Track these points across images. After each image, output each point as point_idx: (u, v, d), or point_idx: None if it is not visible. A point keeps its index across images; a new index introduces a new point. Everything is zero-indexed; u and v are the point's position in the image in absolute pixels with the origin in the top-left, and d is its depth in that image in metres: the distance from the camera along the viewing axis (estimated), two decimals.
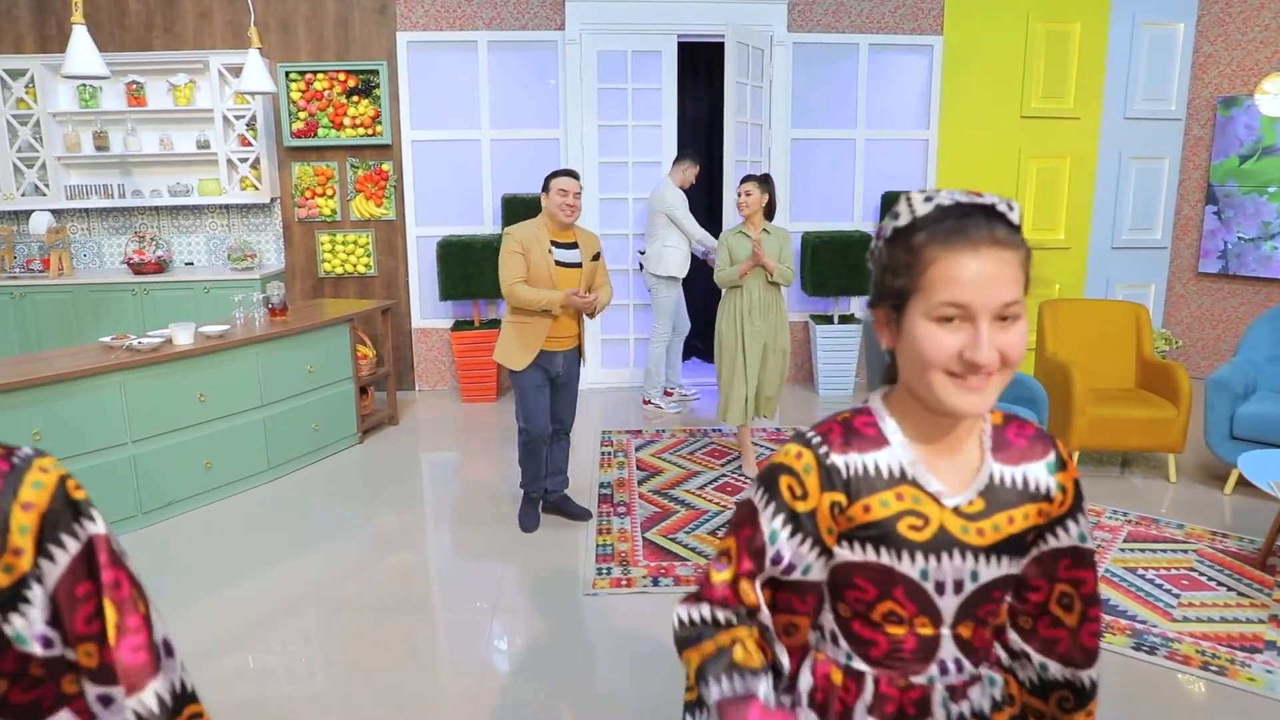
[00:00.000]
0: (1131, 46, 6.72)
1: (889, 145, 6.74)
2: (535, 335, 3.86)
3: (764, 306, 4.62)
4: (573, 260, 3.91)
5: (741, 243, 4.59)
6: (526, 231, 3.86)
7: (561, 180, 3.86)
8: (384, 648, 3.23)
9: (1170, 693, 2.93)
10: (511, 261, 3.82)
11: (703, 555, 3.90)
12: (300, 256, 6.53)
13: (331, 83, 6.24)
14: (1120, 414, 4.73)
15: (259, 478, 4.77)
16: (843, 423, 1.21)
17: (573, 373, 4.09)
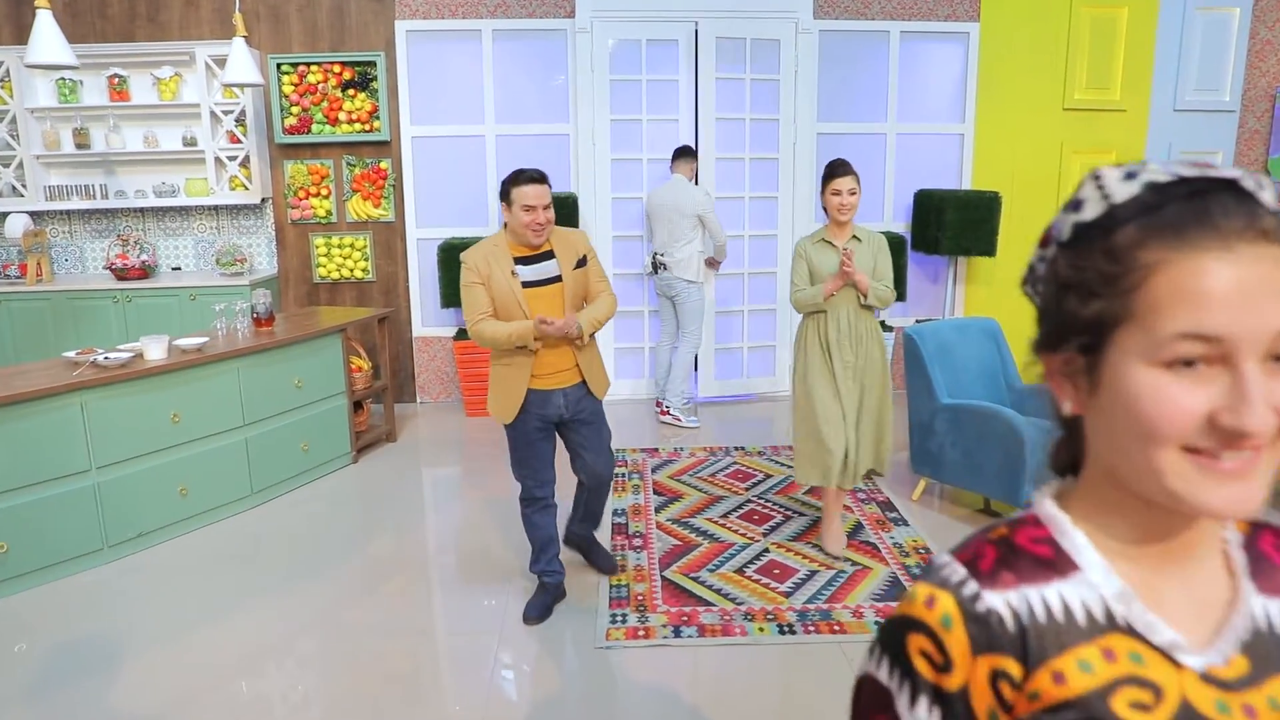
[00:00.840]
0: (1183, 33, 6.25)
1: (922, 140, 6.30)
2: (517, 378, 3.11)
3: (855, 335, 3.62)
4: (545, 276, 3.12)
5: (824, 254, 3.62)
6: (482, 254, 3.06)
7: (525, 190, 3.00)
8: (379, 690, 2.81)
9: None
10: (470, 295, 3.08)
11: (728, 598, 3.47)
12: (294, 261, 6.14)
13: (326, 75, 5.85)
14: None
15: (241, 504, 4.37)
16: (997, 541, 0.77)
17: (586, 408, 3.27)
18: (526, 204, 3.00)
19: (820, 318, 3.66)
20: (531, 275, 3.10)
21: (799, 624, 3.27)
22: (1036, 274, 0.77)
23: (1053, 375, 0.76)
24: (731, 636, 3.20)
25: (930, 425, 4.28)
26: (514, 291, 3.05)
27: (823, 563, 3.77)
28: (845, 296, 3.59)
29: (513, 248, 3.10)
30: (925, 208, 6.09)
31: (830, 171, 3.57)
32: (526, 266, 3.09)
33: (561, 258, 3.15)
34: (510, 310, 3.06)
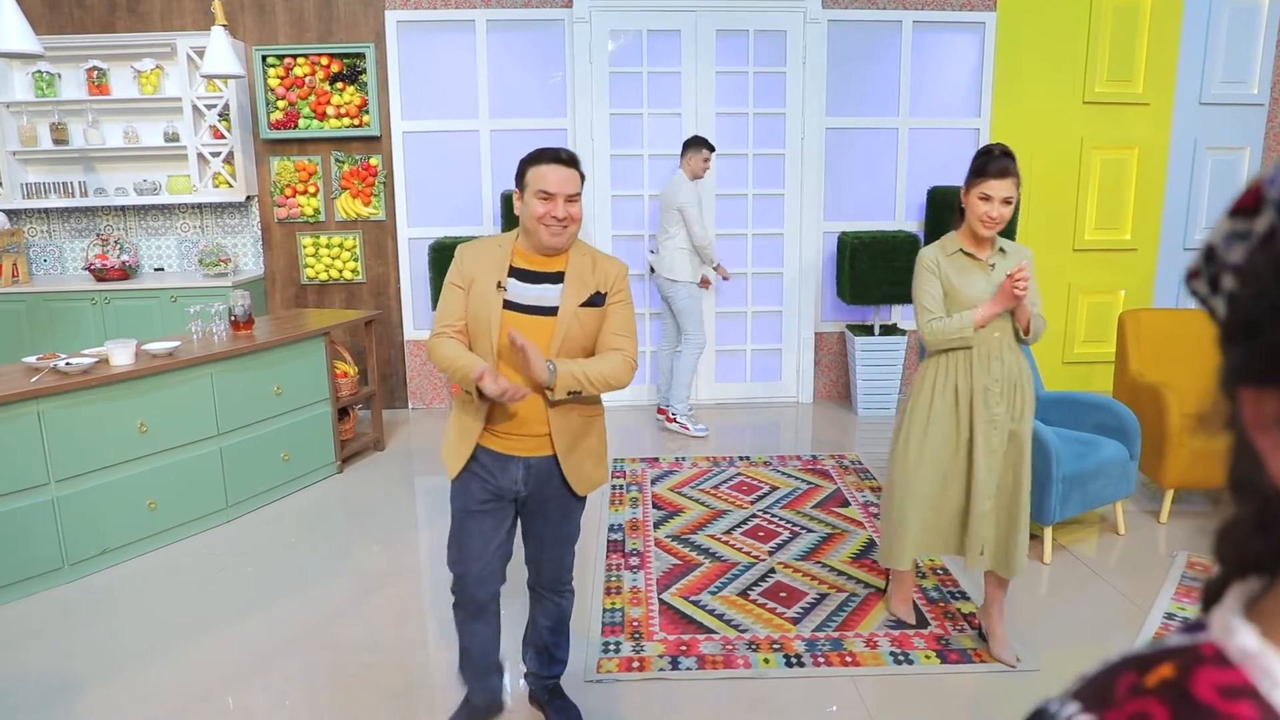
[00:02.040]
0: (1209, 23, 5.96)
1: (935, 135, 6.02)
2: (470, 424, 2.30)
3: (1010, 380, 2.73)
4: (539, 302, 2.26)
5: (966, 270, 2.71)
6: (476, 252, 2.32)
7: (545, 171, 2.22)
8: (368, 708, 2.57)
9: None
10: (444, 298, 2.33)
11: (731, 624, 3.20)
12: (280, 261, 5.89)
13: (313, 68, 5.61)
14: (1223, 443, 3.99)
15: (215, 517, 4.12)
16: (1163, 691, 0.45)
17: (551, 495, 2.37)
18: (543, 189, 2.19)
19: (958, 357, 2.74)
20: (522, 295, 2.26)
21: (807, 655, 3.01)
22: (1225, 263, 0.49)
23: (1259, 424, 0.47)
24: (734, 669, 2.93)
25: None
26: (490, 309, 2.23)
27: (833, 585, 3.51)
28: (1001, 328, 2.70)
29: (519, 254, 2.30)
30: (940, 206, 5.81)
31: (980, 167, 2.63)
32: (523, 283, 2.27)
33: (571, 285, 2.28)
34: (478, 332, 2.26)
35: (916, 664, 2.96)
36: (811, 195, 5.98)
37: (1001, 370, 2.72)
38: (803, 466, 4.87)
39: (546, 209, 2.20)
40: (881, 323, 6.02)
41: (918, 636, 3.11)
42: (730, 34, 5.76)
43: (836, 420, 5.85)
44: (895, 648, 3.04)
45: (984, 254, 2.73)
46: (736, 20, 5.72)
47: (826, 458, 5.01)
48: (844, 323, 6.19)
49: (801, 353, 6.17)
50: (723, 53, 5.78)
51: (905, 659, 2.98)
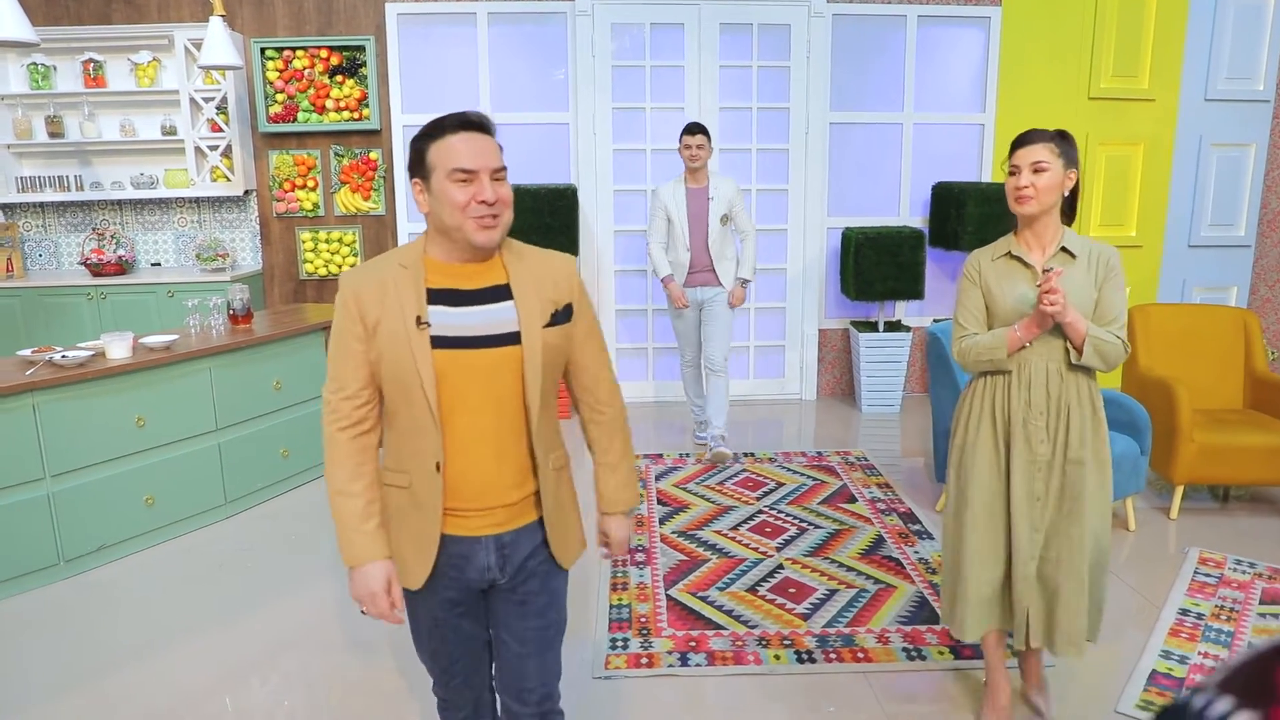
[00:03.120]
0: (1215, 18, 5.93)
1: (940, 130, 5.98)
2: (424, 514, 1.66)
3: (1058, 410, 2.27)
4: (486, 330, 1.63)
5: (1010, 277, 2.29)
6: (372, 280, 1.63)
7: (454, 144, 1.56)
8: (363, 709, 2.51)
9: None
10: (334, 354, 1.65)
11: (740, 620, 3.15)
12: (279, 256, 5.83)
13: (313, 61, 5.55)
14: (1236, 441, 3.96)
15: (213, 514, 4.06)
16: None
17: (533, 576, 1.76)
18: (459, 168, 1.55)
19: (998, 382, 2.32)
20: (458, 325, 1.61)
21: (819, 651, 2.95)
22: None
23: None
24: (744, 665, 2.88)
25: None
26: (413, 355, 1.57)
27: (843, 580, 3.45)
28: (1047, 347, 2.24)
29: (434, 267, 1.64)
30: (944, 201, 5.77)
31: (1012, 145, 2.29)
32: (452, 309, 1.61)
33: (523, 298, 1.65)
34: (406, 392, 1.60)
35: (929, 659, 2.90)
36: (815, 191, 5.93)
37: (1046, 401, 2.26)
38: (808, 463, 4.82)
39: (470, 193, 1.55)
40: (886, 319, 5.97)
41: (930, 632, 3.06)
42: (734, 28, 5.71)
43: (840, 417, 5.80)
44: (908, 643, 2.99)
45: (1038, 256, 2.27)
46: (740, 14, 5.68)
47: (832, 454, 4.96)
48: (848, 319, 6.15)
49: (805, 349, 6.12)
50: (726, 47, 5.73)
51: (918, 654, 2.93)
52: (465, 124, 1.59)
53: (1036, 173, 2.21)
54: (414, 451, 1.64)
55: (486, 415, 1.64)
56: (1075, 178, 2.25)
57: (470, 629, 1.80)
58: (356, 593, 1.65)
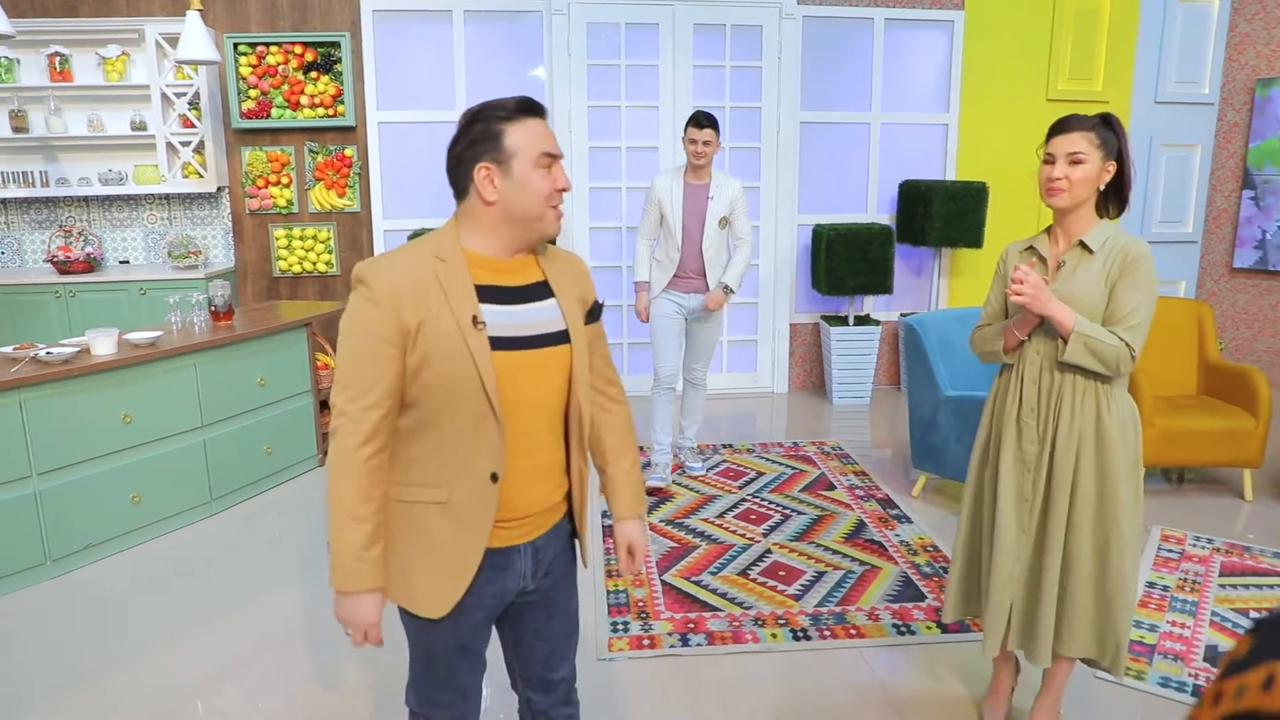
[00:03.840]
0: (1164, 25, 6.21)
1: (906, 130, 6.16)
2: (466, 532, 1.55)
3: (1050, 407, 2.20)
4: (540, 328, 1.57)
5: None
6: (411, 272, 1.49)
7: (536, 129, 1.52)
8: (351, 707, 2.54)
9: None
10: (352, 359, 1.48)
11: (735, 602, 3.24)
12: (252, 253, 5.78)
13: (287, 57, 5.52)
14: (1192, 425, 4.17)
15: (199, 511, 4.03)
16: None
17: (559, 577, 1.74)
18: (549, 151, 1.51)
19: (1008, 376, 2.30)
20: (511, 324, 1.53)
21: (813, 629, 3.06)
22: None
23: None
24: (743, 644, 2.97)
25: (933, 419, 4.11)
26: (473, 360, 1.47)
27: (829, 563, 3.57)
28: (1045, 344, 2.20)
29: (476, 261, 1.53)
30: (912, 199, 5.94)
31: (1050, 130, 2.17)
32: (501, 307, 1.53)
33: (564, 296, 1.62)
34: (457, 400, 1.48)
35: (918, 634, 3.03)
36: (786, 188, 6.06)
37: (1037, 397, 2.21)
38: (785, 453, 4.94)
39: (552, 181, 1.50)
40: (855, 314, 6.13)
41: (917, 609, 3.19)
42: (707, 28, 5.82)
43: (813, 409, 5.94)
44: (897, 620, 3.12)
45: (1055, 249, 2.22)
46: (713, 15, 5.78)
47: (808, 444, 5.09)
48: (818, 313, 6.29)
49: (777, 344, 6.25)
50: (700, 47, 5.84)
51: (907, 630, 3.05)
52: (536, 108, 1.52)
53: (1073, 164, 2.09)
54: (459, 463, 1.51)
55: (538, 419, 1.57)
56: (1114, 169, 2.13)
57: (484, 648, 1.71)
58: (349, 619, 1.52)
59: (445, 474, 1.53)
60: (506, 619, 1.75)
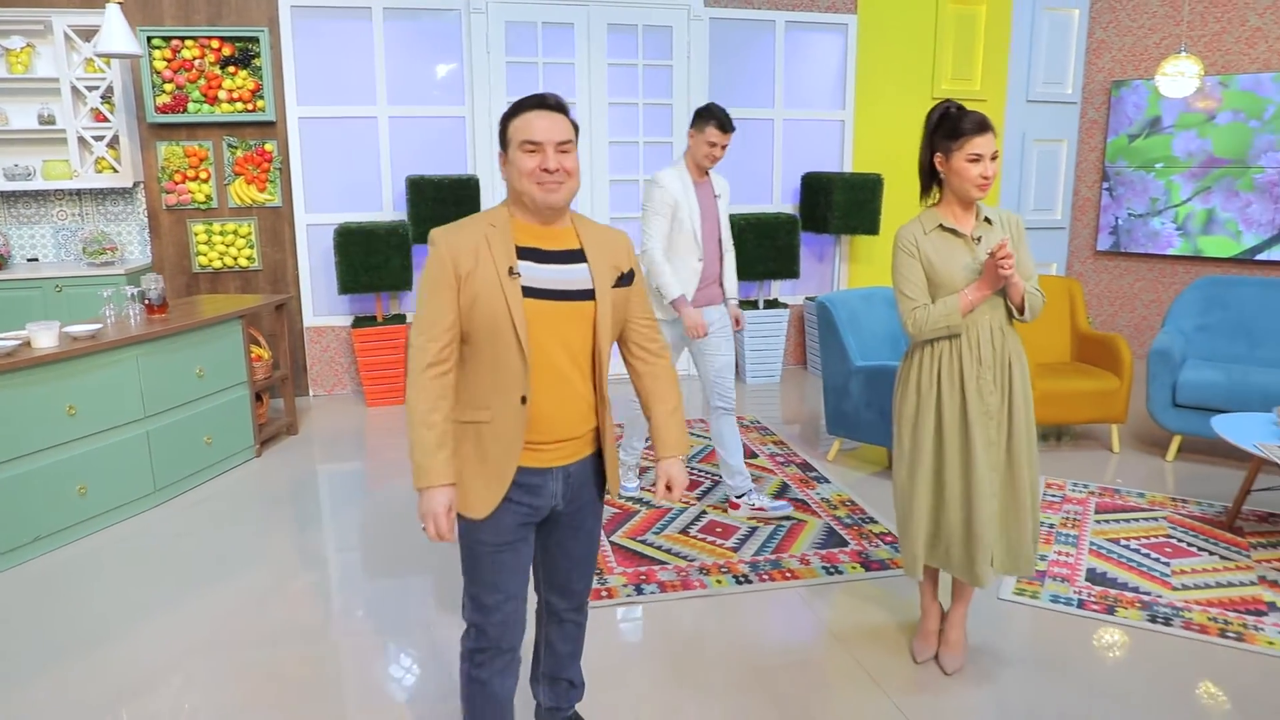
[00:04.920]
0: (1032, 32, 6.85)
1: (806, 125, 6.60)
2: (502, 449, 1.89)
3: (1002, 364, 2.51)
4: (568, 285, 1.90)
5: (948, 248, 2.49)
6: (466, 236, 1.87)
7: (531, 120, 1.86)
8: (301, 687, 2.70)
9: (1203, 662, 2.80)
10: (426, 303, 1.87)
11: (680, 556, 3.54)
12: (170, 249, 5.73)
13: (203, 51, 5.50)
14: (1068, 387, 4.71)
15: (144, 501, 4.06)
16: None
17: (585, 501, 2.06)
18: (529, 140, 1.84)
19: (945, 346, 2.52)
20: (543, 279, 1.87)
21: (753, 574, 3.39)
22: None
23: None
24: (692, 590, 3.27)
25: (845, 388, 4.51)
26: (506, 301, 1.82)
27: (761, 520, 3.91)
28: (991, 309, 2.47)
29: (519, 228, 1.90)
30: (814, 189, 6.38)
31: (955, 127, 2.43)
32: (536, 265, 1.88)
33: (596, 262, 1.94)
34: (495, 334, 1.84)
35: (845, 574, 3.40)
36: None
37: (993, 356, 2.49)
38: (708, 428, 5.26)
39: (535, 161, 1.83)
40: (765, 298, 6.53)
41: (842, 553, 3.56)
42: (620, 28, 6.09)
43: None
44: (825, 563, 3.48)
45: (967, 227, 2.50)
46: (626, 15, 6.07)
47: None
48: None
49: None
50: (614, 46, 6.11)
51: (836, 570, 3.42)
52: (541, 104, 1.88)
53: (993, 160, 2.42)
54: (498, 387, 1.86)
55: (563, 358, 1.90)
56: None
57: (525, 557, 2.00)
58: (424, 512, 1.85)
59: (488, 397, 1.88)
60: (540, 532, 2.07)
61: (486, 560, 1.96)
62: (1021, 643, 2.93)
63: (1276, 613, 3.10)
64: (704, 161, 3.78)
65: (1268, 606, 3.14)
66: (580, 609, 2.23)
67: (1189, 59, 5.42)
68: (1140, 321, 7.08)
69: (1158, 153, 6.76)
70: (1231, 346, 4.90)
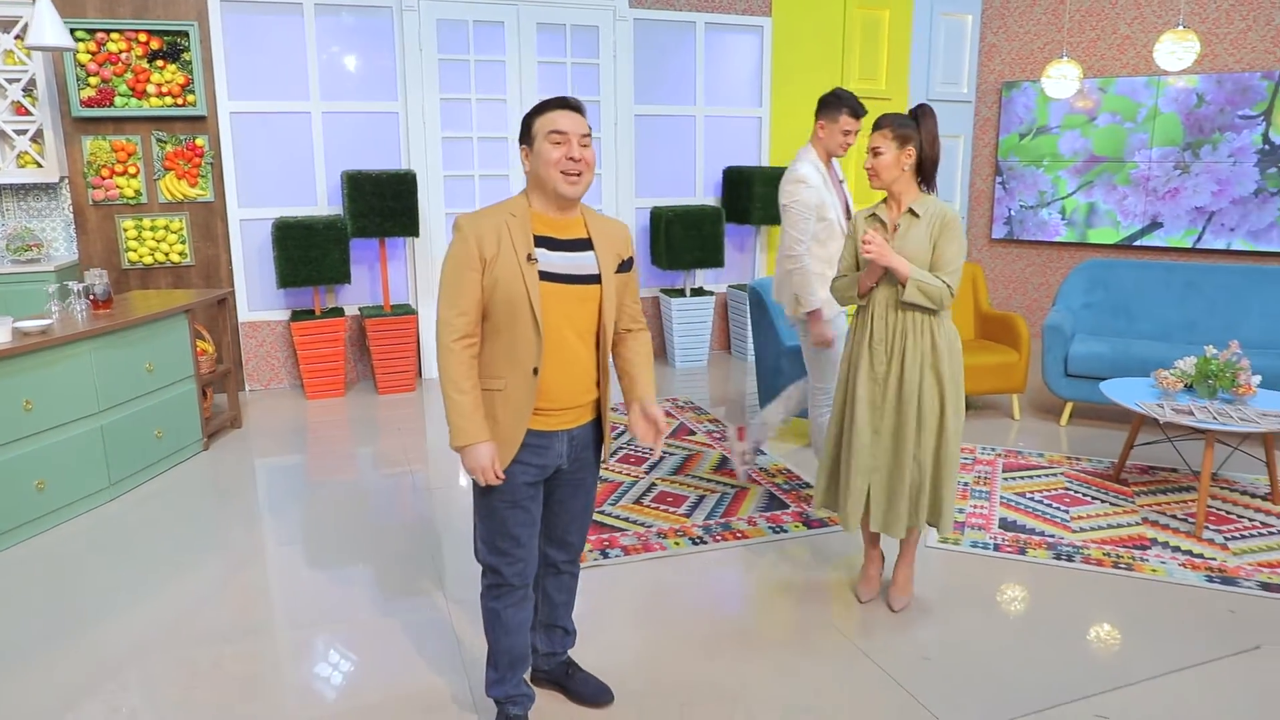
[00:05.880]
0: (931, 34, 7.37)
1: (726, 122, 6.95)
2: (513, 413, 2.13)
3: (892, 338, 2.87)
4: (578, 271, 2.15)
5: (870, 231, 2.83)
6: (490, 223, 2.09)
7: (556, 116, 2.09)
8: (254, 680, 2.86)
9: (1098, 590, 3.25)
10: (451, 284, 2.09)
11: (637, 524, 3.81)
12: (97, 245, 5.65)
13: (130, 44, 5.44)
14: (974, 362, 5.18)
15: (100, 495, 4.08)
16: None
17: (585, 463, 2.33)
18: (556, 130, 2.06)
19: (857, 320, 2.98)
20: (556, 265, 2.11)
21: (707, 536, 3.69)
22: None
23: None
24: (653, 552, 3.55)
25: (777, 365, 4.86)
26: (525, 284, 2.06)
27: (706, 489, 4.22)
28: (887, 289, 2.84)
29: (536, 218, 2.14)
30: (736, 183, 6.73)
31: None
32: (550, 252, 2.12)
33: (601, 251, 2.18)
34: (514, 313, 2.07)
35: (790, 532, 3.73)
36: (625, 175, 6.67)
37: (885, 330, 2.85)
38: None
39: (561, 151, 2.05)
40: (692, 286, 6.85)
41: (785, 515, 3.90)
42: (549, 27, 6.30)
43: (657, 373, 6.59)
44: (771, 524, 3.80)
45: (891, 216, 2.86)
46: (554, 15, 6.27)
47: (662, 401, 5.74)
48: (658, 288, 6.96)
49: None
50: (543, 44, 6.31)
51: (781, 530, 3.75)
52: (564, 104, 2.11)
53: (875, 156, 2.76)
54: (513, 359, 2.10)
55: (572, 335, 2.15)
56: (913, 154, 2.76)
57: (535, 509, 2.26)
58: (472, 467, 2.10)
59: (503, 369, 2.13)
60: (545, 490, 2.32)
61: (505, 514, 2.22)
62: (950, 583, 3.32)
63: (1157, 546, 3.59)
64: (838, 151, 3.72)
65: (1150, 542, 3.63)
66: (575, 561, 2.50)
67: (1070, 63, 5.98)
68: (1033, 302, 7.72)
69: (1045, 150, 7.38)
70: (1114, 322, 5.48)
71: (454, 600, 3.21)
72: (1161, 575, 3.35)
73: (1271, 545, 3.60)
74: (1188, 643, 2.90)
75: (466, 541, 3.66)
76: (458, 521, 3.90)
